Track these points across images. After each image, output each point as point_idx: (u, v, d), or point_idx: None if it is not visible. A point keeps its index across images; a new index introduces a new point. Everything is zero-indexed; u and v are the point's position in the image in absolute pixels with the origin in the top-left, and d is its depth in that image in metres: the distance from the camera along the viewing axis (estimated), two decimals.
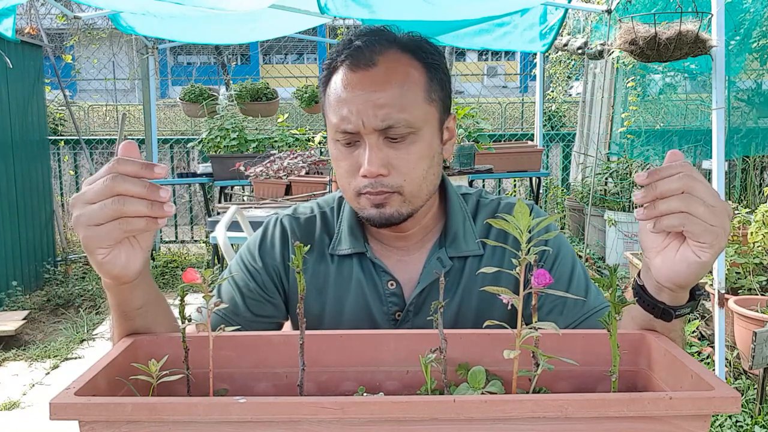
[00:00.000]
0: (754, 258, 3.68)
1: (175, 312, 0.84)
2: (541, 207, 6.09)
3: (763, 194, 5.15)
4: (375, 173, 0.99)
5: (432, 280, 1.09)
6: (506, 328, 0.74)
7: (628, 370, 0.80)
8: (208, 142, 5.06)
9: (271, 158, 3.95)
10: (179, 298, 0.77)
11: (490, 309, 1.09)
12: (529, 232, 0.71)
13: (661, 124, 5.30)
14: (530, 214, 0.71)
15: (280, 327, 1.18)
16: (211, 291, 0.76)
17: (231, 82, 8.46)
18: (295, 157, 3.90)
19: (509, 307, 0.73)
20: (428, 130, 1.03)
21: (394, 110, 0.98)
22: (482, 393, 0.72)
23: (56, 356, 3.90)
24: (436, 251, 1.11)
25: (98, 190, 0.75)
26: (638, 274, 0.87)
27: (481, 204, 1.16)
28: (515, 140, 6.39)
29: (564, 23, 4.90)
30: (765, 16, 4.12)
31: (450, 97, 1.10)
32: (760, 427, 2.80)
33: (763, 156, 5.52)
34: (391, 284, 1.11)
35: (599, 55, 4.61)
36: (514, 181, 6.79)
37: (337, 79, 1.02)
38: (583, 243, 4.97)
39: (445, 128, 1.08)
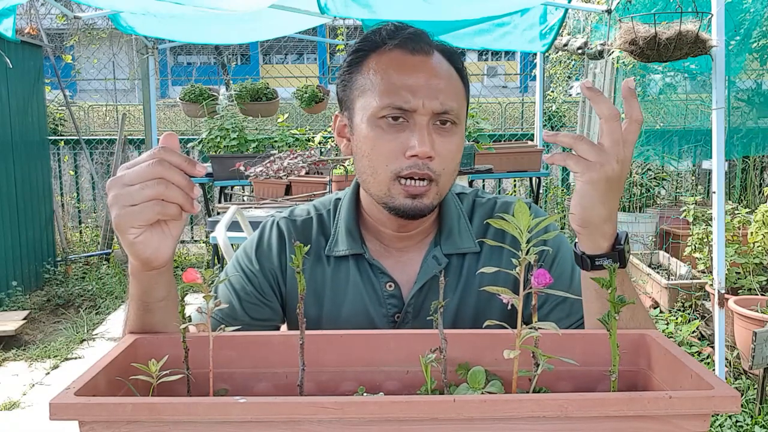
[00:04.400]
0: (754, 258, 3.68)
1: None
2: (541, 207, 6.10)
3: (763, 194, 5.15)
4: (428, 153, 0.99)
5: (429, 278, 1.09)
6: (506, 327, 0.74)
7: (628, 370, 0.80)
8: (208, 142, 5.06)
9: (271, 158, 3.95)
10: (179, 298, 0.77)
11: (488, 307, 1.09)
12: (529, 231, 0.71)
13: (661, 124, 5.30)
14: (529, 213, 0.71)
15: (277, 330, 1.17)
16: (210, 291, 0.76)
17: (231, 82, 8.46)
18: (295, 157, 3.90)
19: (509, 307, 0.73)
20: (462, 126, 1.06)
21: (449, 98, 1.02)
22: (482, 393, 0.72)
23: (56, 356, 3.90)
24: (432, 250, 1.11)
25: (141, 173, 0.77)
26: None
27: (477, 203, 1.17)
28: (515, 140, 6.38)
29: (564, 23, 4.90)
30: (765, 16, 4.12)
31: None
32: (760, 427, 2.80)
33: (763, 156, 5.53)
34: (390, 286, 1.10)
35: (599, 55, 4.61)
36: (514, 181, 6.79)
37: (388, 60, 1.03)
38: None
39: None
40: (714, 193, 2.86)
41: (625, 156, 0.83)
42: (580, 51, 4.83)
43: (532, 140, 5.91)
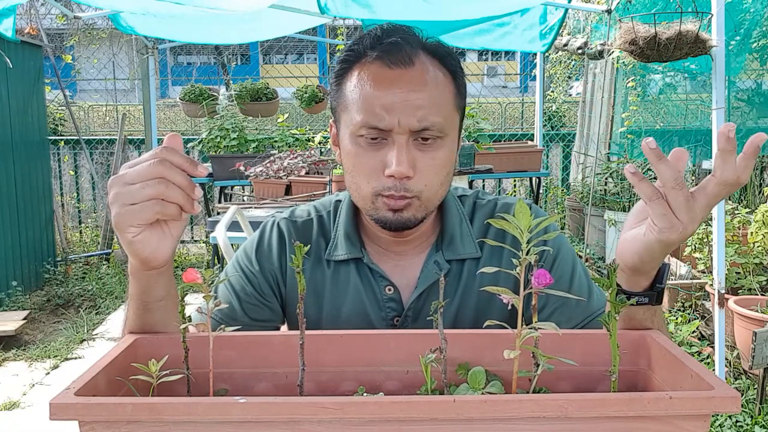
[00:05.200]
0: (754, 258, 3.68)
1: None
2: (541, 207, 6.10)
3: (763, 194, 5.15)
4: (404, 174, 0.97)
5: (430, 284, 1.08)
6: (506, 328, 0.74)
7: (628, 370, 0.80)
8: (208, 142, 5.06)
9: (271, 158, 3.95)
10: (179, 298, 0.78)
11: (488, 312, 1.09)
12: (530, 232, 0.71)
13: (661, 124, 5.30)
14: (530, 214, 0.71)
15: (276, 331, 1.17)
16: (210, 291, 0.76)
17: (231, 82, 8.46)
18: (295, 157, 3.90)
19: (509, 308, 0.73)
20: (452, 137, 1.03)
21: (430, 113, 0.98)
22: (482, 393, 0.72)
23: (56, 356, 3.90)
24: (433, 255, 1.10)
25: (142, 172, 0.77)
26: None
27: (477, 205, 1.16)
28: (515, 140, 6.38)
29: (564, 23, 4.90)
30: (765, 16, 4.12)
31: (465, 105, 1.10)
32: (760, 427, 2.80)
33: (763, 156, 5.52)
34: (389, 290, 1.10)
35: (599, 55, 4.61)
36: (514, 181, 6.79)
37: (366, 75, 1.00)
38: (583, 243, 4.97)
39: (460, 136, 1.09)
40: None
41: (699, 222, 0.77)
42: (580, 51, 4.83)
43: (532, 140, 5.91)
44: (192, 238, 6.68)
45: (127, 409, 0.63)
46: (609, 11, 4.15)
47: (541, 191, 5.70)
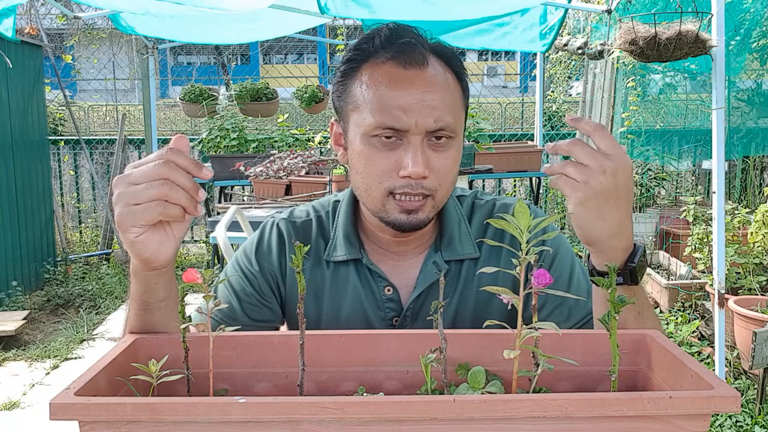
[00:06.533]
0: (754, 258, 3.68)
1: None
2: (540, 207, 6.11)
3: (763, 194, 5.15)
4: (421, 174, 0.97)
5: (429, 284, 1.09)
6: (506, 328, 0.74)
7: (628, 370, 0.80)
8: (208, 142, 5.06)
9: (271, 158, 3.95)
10: (180, 298, 0.78)
11: (487, 312, 1.09)
12: (529, 232, 0.71)
13: (661, 124, 5.30)
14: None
15: (276, 331, 1.17)
16: (210, 291, 0.76)
17: (231, 82, 8.46)
18: (295, 157, 3.90)
19: (509, 308, 0.73)
20: (460, 137, 1.04)
21: (445, 113, 0.98)
22: (482, 393, 0.72)
23: (56, 356, 3.90)
24: (432, 255, 1.10)
25: (147, 173, 0.77)
26: None
27: (476, 205, 1.16)
28: (515, 140, 6.38)
29: (564, 23, 4.89)
30: (765, 16, 4.12)
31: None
32: (760, 427, 2.80)
33: (763, 156, 5.53)
34: (388, 290, 1.10)
35: (599, 55, 4.60)
36: (514, 181, 6.79)
37: (380, 75, 0.99)
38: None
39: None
40: (714, 193, 2.86)
41: (615, 167, 0.81)
42: (580, 51, 4.82)
43: (532, 140, 5.91)
44: (192, 238, 6.68)
45: (127, 409, 0.63)
46: (609, 11, 4.15)
47: (541, 191, 5.69)
